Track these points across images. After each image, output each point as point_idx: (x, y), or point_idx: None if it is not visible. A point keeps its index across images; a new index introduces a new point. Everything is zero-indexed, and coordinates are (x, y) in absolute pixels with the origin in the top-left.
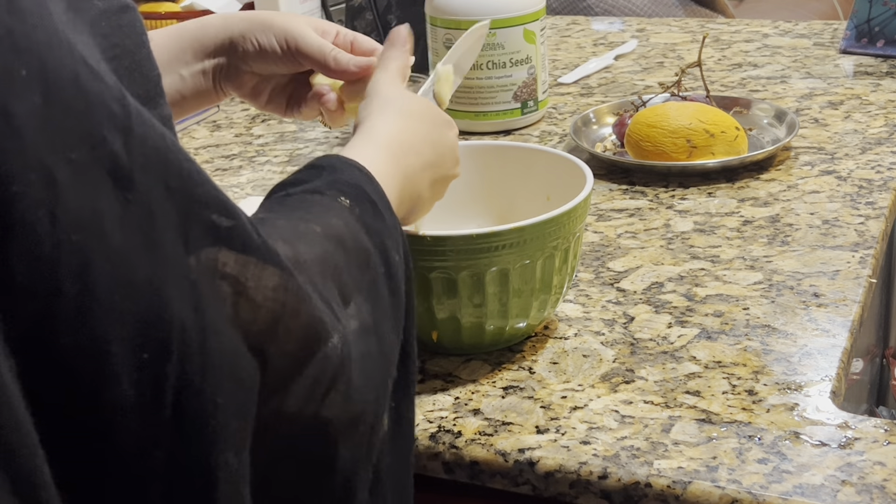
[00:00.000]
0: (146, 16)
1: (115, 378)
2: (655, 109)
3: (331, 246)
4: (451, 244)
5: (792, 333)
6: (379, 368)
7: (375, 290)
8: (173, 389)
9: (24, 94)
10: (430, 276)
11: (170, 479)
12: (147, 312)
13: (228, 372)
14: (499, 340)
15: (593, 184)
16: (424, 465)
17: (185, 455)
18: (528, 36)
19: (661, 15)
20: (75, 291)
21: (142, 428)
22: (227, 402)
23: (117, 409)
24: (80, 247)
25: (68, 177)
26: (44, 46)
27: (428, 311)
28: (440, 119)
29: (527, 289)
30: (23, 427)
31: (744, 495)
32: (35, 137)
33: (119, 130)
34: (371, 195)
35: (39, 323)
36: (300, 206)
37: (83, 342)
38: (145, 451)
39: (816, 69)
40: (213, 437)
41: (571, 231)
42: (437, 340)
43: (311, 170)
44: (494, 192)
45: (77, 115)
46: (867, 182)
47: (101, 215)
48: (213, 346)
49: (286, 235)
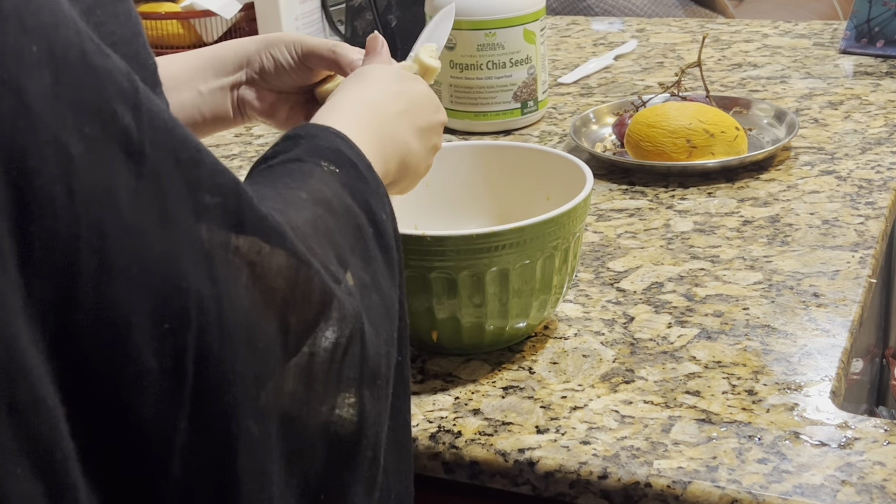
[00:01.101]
0: (146, 16)
1: (137, 350)
2: (655, 109)
3: (319, 210)
4: (451, 244)
5: (792, 333)
6: (385, 320)
7: (367, 250)
8: (193, 360)
9: (34, 72)
10: (430, 276)
11: (192, 448)
12: (165, 284)
13: (246, 340)
14: (499, 340)
15: (593, 184)
16: (424, 465)
17: (207, 425)
18: (528, 36)
19: (661, 15)
20: (94, 266)
21: (164, 399)
22: (247, 370)
23: (140, 381)
24: (97, 221)
25: (82, 151)
26: (50, 26)
27: (428, 311)
28: (402, 75)
29: (527, 289)
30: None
31: (744, 495)
32: (48, 113)
33: (129, 105)
34: (351, 157)
35: (60, 299)
36: (283, 174)
37: (104, 316)
38: (167, 423)
39: (816, 69)
40: (233, 405)
41: (571, 231)
42: (437, 340)
43: (288, 140)
44: (494, 192)
45: (87, 90)
46: (867, 182)
47: (115, 189)
48: (230, 315)
49: (275, 204)
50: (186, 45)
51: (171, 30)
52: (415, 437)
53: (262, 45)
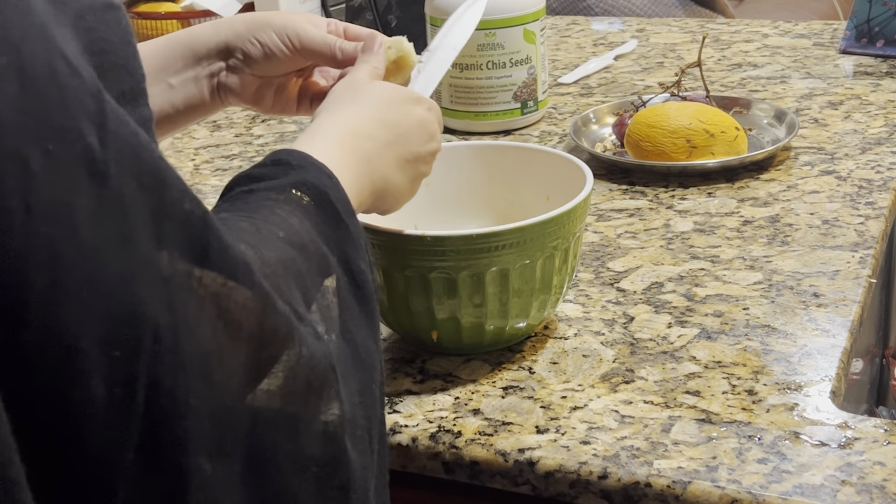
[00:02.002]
0: (146, 16)
1: (85, 376)
2: (655, 109)
3: (293, 252)
4: (451, 244)
5: (792, 333)
6: (356, 370)
7: (341, 298)
8: (144, 389)
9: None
10: (430, 277)
11: (139, 481)
12: (118, 309)
13: (202, 373)
14: (499, 340)
15: (593, 184)
16: (424, 465)
17: (156, 457)
18: (528, 36)
19: (661, 15)
20: (44, 285)
21: (112, 428)
22: (201, 404)
23: (87, 408)
24: (50, 239)
25: (43, 167)
26: (20, 38)
27: (428, 311)
28: (399, 98)
29: (527, 289)
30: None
31: (744, 495)
32: (11, 125)
33: (94, 124)
34: (335, 202)
35: (7, 316)
36: (263, 206)
37: (52, 338)
38: (114, 453)
39: (816, 69)
40: (184, 440)
41: (571, 231)
42: (437, 340)
43: (277, 166)
44: (494, 192)
45: (53, 106)
46: (867, 182)
47: (73, 208)
48: (187, 346)
49: (249, 239)
50: None
51: (171, 30)
52: (415, 437)
53: (246, 29)
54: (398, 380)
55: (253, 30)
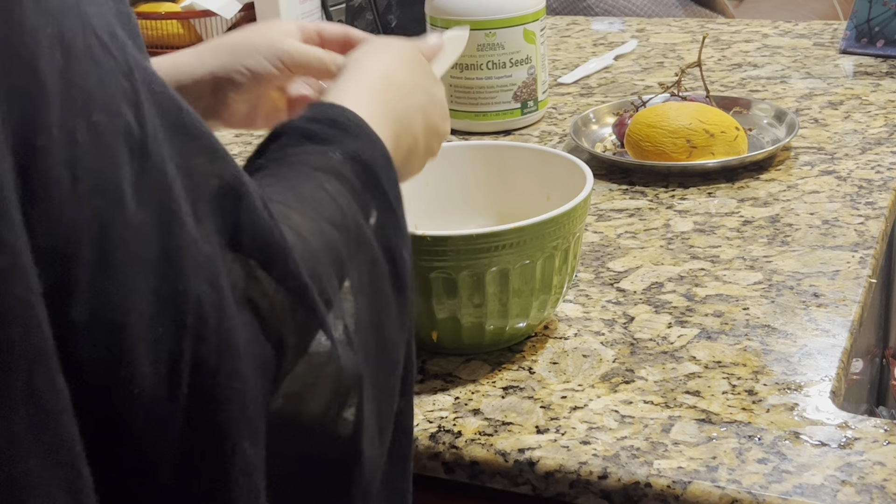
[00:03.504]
0: (146, 16)
1: (131, 353)
2: (655, 109)
3: (337, 234)
4: (451, 244)
5: (792, 333)
6: (378, 368)
7: (378, 288)
8: (189, 368)
9: (48, 53)
10: (430, 276)
11: (182, 462)
12: (162, 285)
13: (245, 355)
14: (499, 340)
15: (593, 184)
16: (424, 465)
17: (201, 439)
18: (528, 36)
19: (661, 15)
20: (93, 259)
21: (157, 408)
22: (244, 387)
23: (133, 386)
24: (98, 212)
25: (89, 139)
26: (59, 12)
27: (428, 311)
28: (429, 70)
29: (527, 289)
30: (57, 391)
31: (744, 495)
32: (58, 95)
33: (130, 104)
34: (386, 188)
35: (59, 290)
36: (311, 177)
37: (100, 314)
38: (159, 433)
39: (816, 69)
40: (228, 423)
41: (571, 231)
42: (437, 340)
43: (331, 128)
44: (494, 192)
45: (93, 80)
46: (867, 182)
47: (119, 182)
48: (230, 326)
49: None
50: (186, 44)
51: (171, 30)
52: (415, 437)
53: (231, 59)
54: None
55: (239, 57)
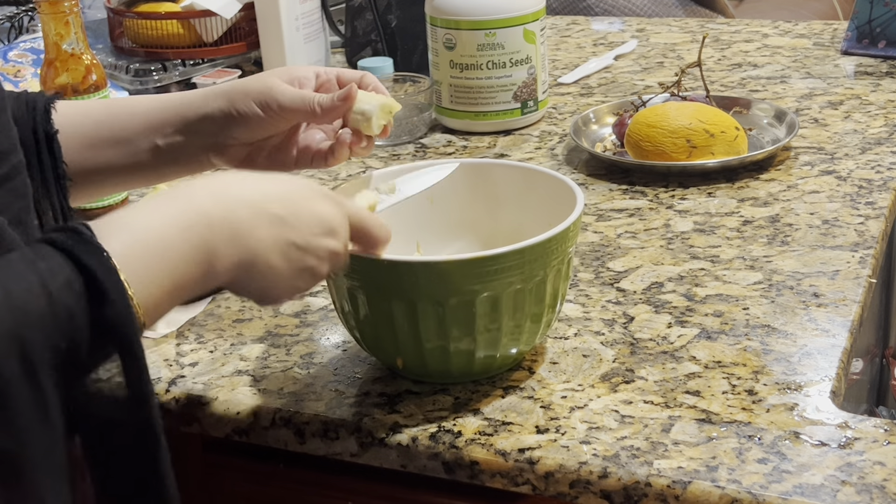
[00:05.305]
0: (146, 16)
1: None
2: (655, 109)
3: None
4: (439, 268)
5: (792, 333)
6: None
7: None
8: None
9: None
10: (418, 305)
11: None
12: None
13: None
14: (490, 368)
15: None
16: (424, 465)
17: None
18: (528, 36)
19: (661, 15)
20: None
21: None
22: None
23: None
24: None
25: None
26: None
27: (415, 339)
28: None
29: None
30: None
31: (744, 495)
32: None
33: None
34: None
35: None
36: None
37: None
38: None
39: (816, 69)
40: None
41: (555, 258)
42: (426, 368)
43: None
44: (483, 214)
45: None
46: (867, 182)
47: None
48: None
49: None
50: (186, 44)
51: (171, 30)
52: (415, 437)
53: (226, 103)
54: (398, 380)
55: (234, 101)
